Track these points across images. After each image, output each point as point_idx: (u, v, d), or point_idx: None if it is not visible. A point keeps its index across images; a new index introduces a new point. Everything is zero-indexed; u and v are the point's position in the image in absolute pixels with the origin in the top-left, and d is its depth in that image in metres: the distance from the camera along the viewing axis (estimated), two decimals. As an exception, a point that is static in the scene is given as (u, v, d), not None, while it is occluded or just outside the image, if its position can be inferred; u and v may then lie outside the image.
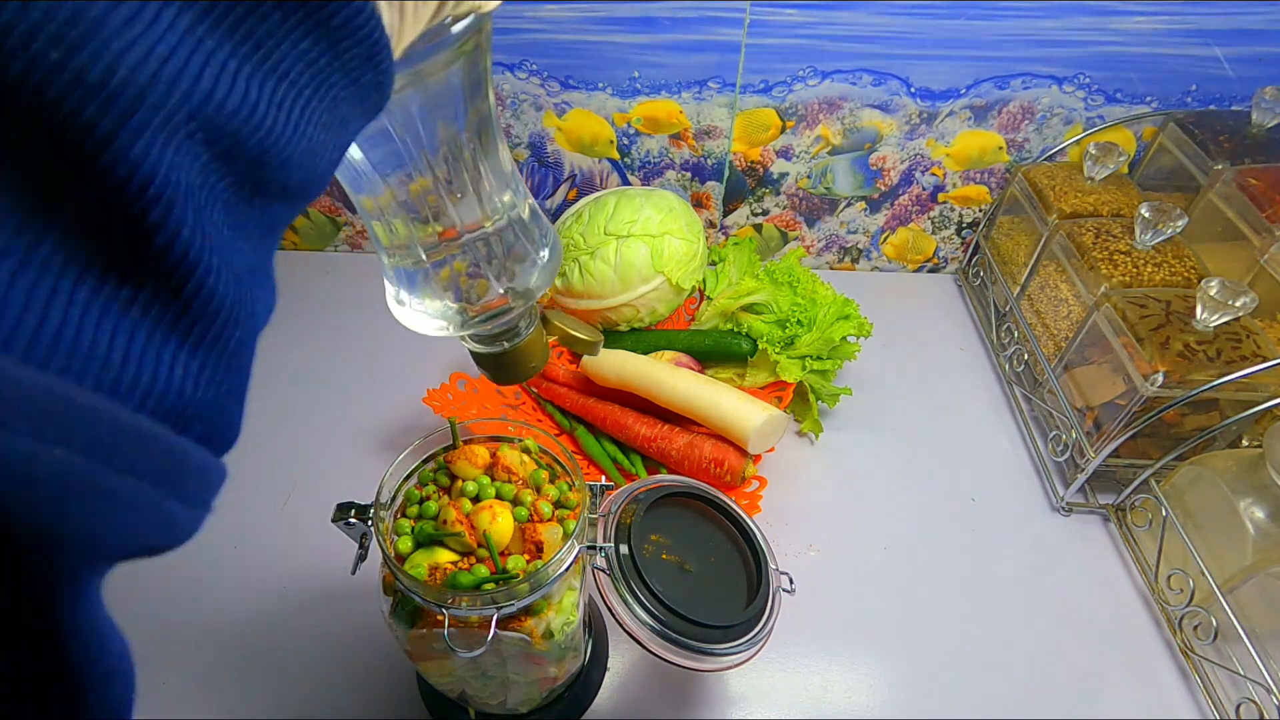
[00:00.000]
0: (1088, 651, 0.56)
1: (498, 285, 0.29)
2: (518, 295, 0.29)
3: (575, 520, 0.41)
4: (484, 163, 0.26)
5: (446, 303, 0.28)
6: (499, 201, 0.27)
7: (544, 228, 0.30)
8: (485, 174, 0.26)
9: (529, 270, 0.29)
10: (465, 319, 0.29)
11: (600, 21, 0.69)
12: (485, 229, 0.27)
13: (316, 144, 0.15)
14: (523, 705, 0.48)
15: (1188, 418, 0.59)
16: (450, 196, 0.25)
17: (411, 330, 0.30)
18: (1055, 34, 0.69)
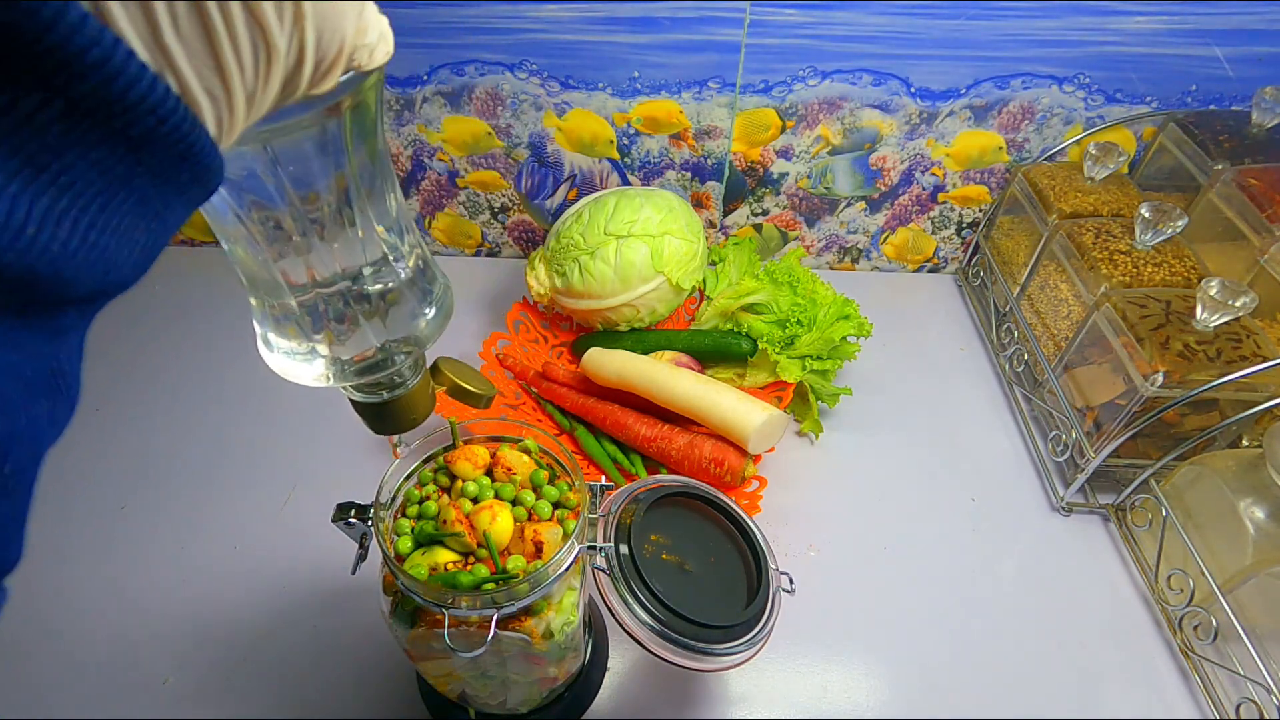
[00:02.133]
0: (1088, 651, 0.56)
1: (374, 338, 0.26)
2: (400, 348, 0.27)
3: (575, 520, 0.41)
4: (366, 209, 0.23)
5: (317, 350, 0.26)
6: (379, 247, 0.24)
7: (435, 280, 0.28)
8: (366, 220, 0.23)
9: (413, 323, 0.27)
10: (341, 369, 0.27)
11: (600, 21, 0.69)
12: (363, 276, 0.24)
13: (111, 250, 0.14)
14: (523, 705, 0.48)
15: (1188, 418, 0.59)
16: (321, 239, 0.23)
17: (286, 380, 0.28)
18: (1055, 34, 0.69)
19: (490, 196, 0.84)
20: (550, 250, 0.72)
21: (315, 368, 0.27)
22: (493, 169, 0.82)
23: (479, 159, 0.81)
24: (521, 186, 0.83)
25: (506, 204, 0.85)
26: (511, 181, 0.83)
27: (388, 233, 0.25)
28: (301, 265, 0.24)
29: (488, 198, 0.85)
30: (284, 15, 0.15)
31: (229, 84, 0.15)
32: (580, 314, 0.72)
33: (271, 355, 0.27)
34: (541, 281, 0.73)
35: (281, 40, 0.15)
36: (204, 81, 0.14)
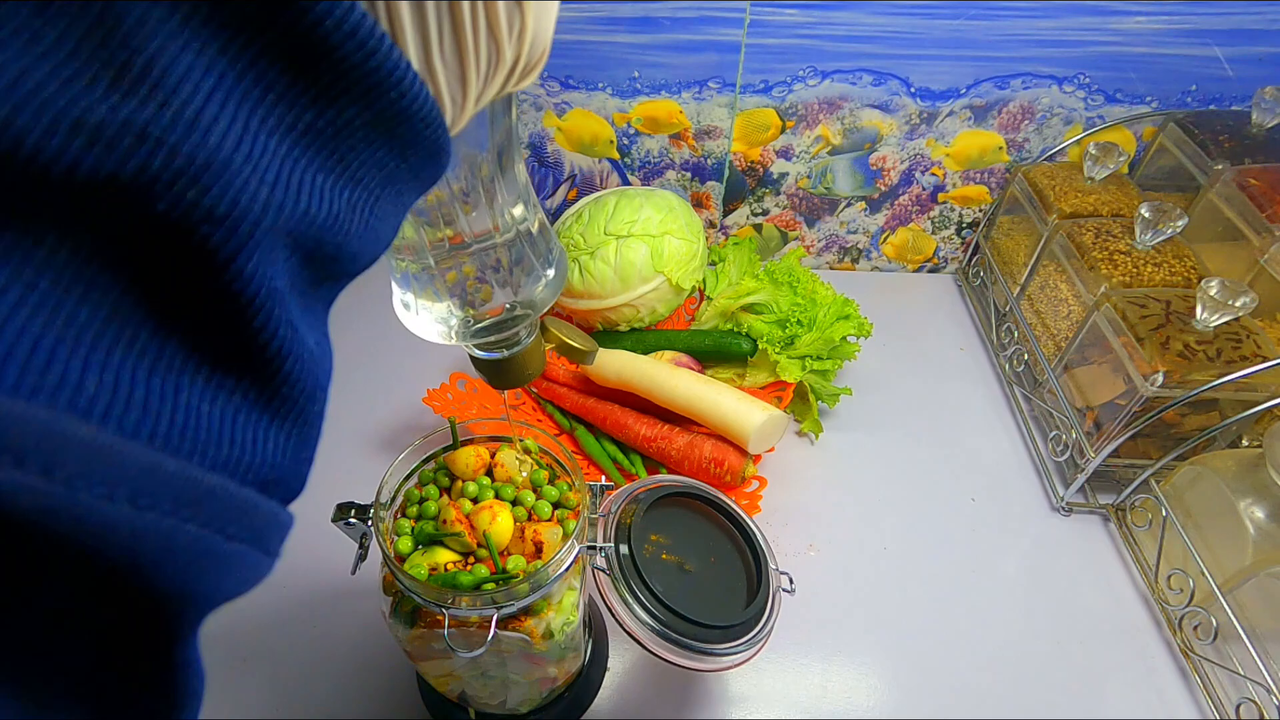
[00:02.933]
0: (1088, 651, 0.56)
1: (503, 296, 0.29)
2: (522, 307, 0.29)
3: (575, 520, 0.41)
4: (500, 177, 0.26)
5: (452, 309, 0.29)
6: (510, 214, 0.27)
7: (552, 243, 0.30)
8: (500, 188, 0.26)
9: (534, 284, 0.29)
10: (468, 327, 0.29)
11: (600, 21, 0.69)
12: (494, 240, 0.27)
13: (381, 232, 0.17)
14: (523, 705, 0.48)
15: (1188, 418, 0.59)
16: (464, 207, 0.25)
17: (415, 335, 0.30)
18: (1055, 34, 0.69)
19: (490, 196, 0.84)
20: (550, 250, 0.72)
21: (448, 325, 0.29)
22: (493, 169, 0.81)
23: (479, 159, 0.81)
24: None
25: (506, 204, 0.85)
26: (511, 181, 0.83)
27: (515, 200, 0.27)
28: (445, 231, 0.26)
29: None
30: (513, 29, 0.18)
31: (468, 90, 0.18)
32: (580, 314, 0.72)
33: (408, 314, 0.29)
34: (541, 281, 0.73)
35: (510, 51, 0.18)
36: (450, 90, 0.17)
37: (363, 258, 0.17)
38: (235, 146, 0.13)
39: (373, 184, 0.16)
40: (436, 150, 0.17)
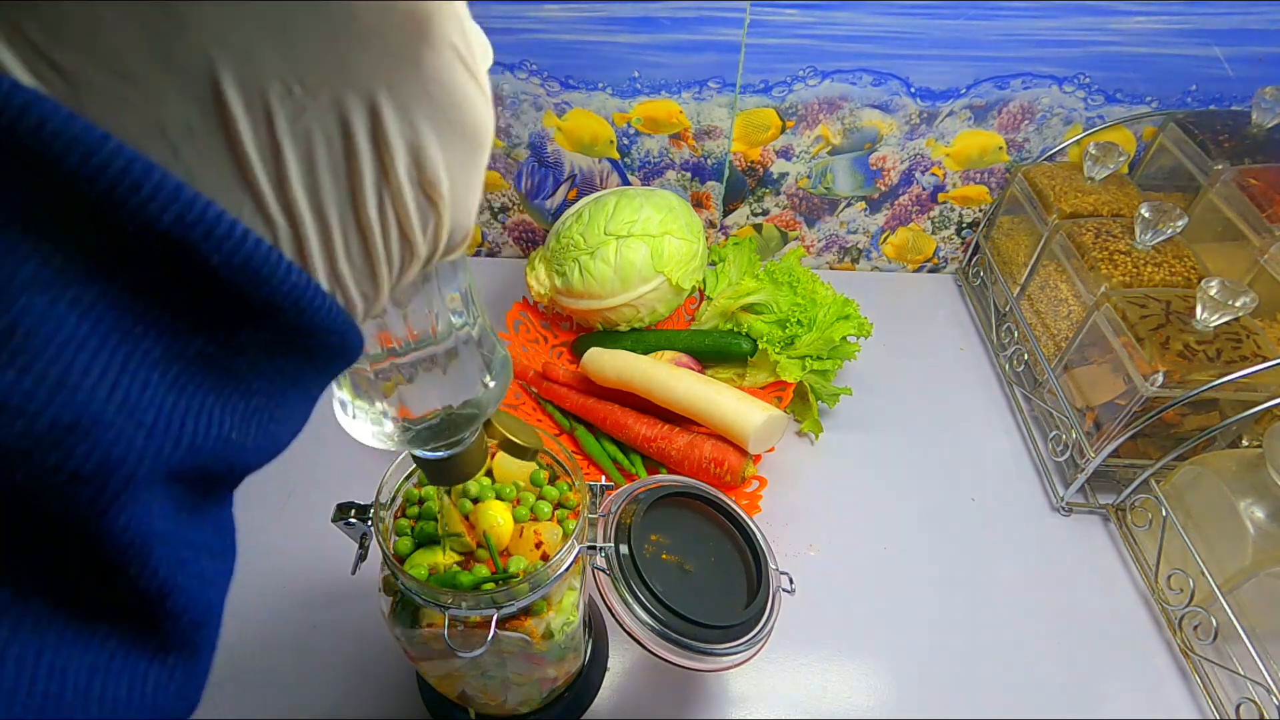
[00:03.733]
0: (1088, 651, 0.56)
1: (438, 402, 0.28)
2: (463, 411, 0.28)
3: (575, 520, 0.41)
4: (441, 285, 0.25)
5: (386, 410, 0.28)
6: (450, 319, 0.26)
7: (495, 350, 0.29)
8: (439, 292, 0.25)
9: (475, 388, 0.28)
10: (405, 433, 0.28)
11: (600, 21, 0.69)
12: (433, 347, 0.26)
13: (280, 434, 0.17)
14: (523, 705, 0.48)
15: (1188, 418, 0.59)
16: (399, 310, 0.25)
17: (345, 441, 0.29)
18: (1055, 34, 0.69)
19: (490, 196, 0.84)
20: (550, 250, 0.72)
21: (384, 428, 0.28)
22: (493, 169, 0.82)
23: (479, 159, 0.81)
24: (521, 186, 0.83)
25: (506, 204, 0.85)
26: (511, 181, 0.83)
27: (456, 304, 0.26)
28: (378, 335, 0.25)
29: (487, 198, 0.85)
30: (427, 227, 0.17)
31: (379, 285, 0.17)
32: (580, 314, 0.72)
33: (345, 417, 0.29)
34: (541, 281, 0.73)
35: (425, 246, 0.18)
36: (360, 288, 0.17)
37: (258, 462, 0.16)
38: (107, 397, 0.12)
39: (272, 392, 0.16)
40: (344, 349, 0.17)
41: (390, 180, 0.16)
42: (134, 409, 0.13)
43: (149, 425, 0.13)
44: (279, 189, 0.14)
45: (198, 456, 0.14)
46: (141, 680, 0.15)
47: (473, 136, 0.17)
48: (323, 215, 0.15)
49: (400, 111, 0.15)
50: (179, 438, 0.13)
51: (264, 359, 0.15)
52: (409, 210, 0.16)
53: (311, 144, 0.14)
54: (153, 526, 0.13)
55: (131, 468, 0.13)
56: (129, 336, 0.13)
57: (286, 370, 0.16)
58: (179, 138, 0.13)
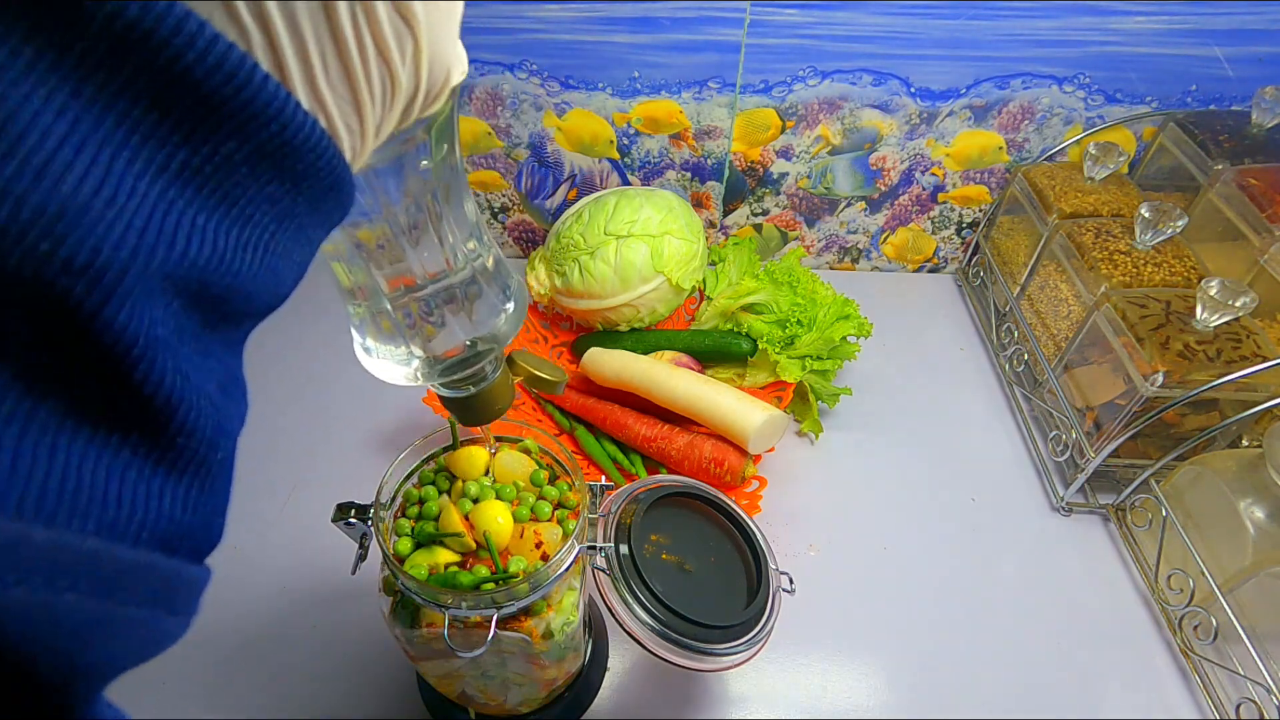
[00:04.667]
0: (1088, 651, 0.56)
1: (463, 334, 0.28)
2: (484, 343, 0.29)
3: (575, 520, 0.41)
4: (448, 214, 0.25)
5: (412, 350, 0.28)
6: (463, 251, 0.26)
7: (508, 277, 0.30)
8: (449, 224, 0.25)
9: (494, 319, 0.29)
10: (432, 368, 0.29)
11: (600, 21, 0.69)
12: (449, 278, 0.27)
13: (280, 270, 0.17)
14: (523, 705, 0.48)
15: (1188, 418, 0.59)
16: (412, 245, 0.25)
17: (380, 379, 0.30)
18: (1055, 34, 0.69)
19: (490, 196, 0.84)
20: (550, 250, 0.72)
21: (411, 367, 0.29)
22: (493, 169, 0.82)
23: (479, 159, 0.81)
24: (521, 186, 0.83)
25: (506, 204, 0.85)
26: (511, 181, 0.83)
27: (467, 236, 0.27)
28: (395, 272, 0.26)
29: (488, 197, 0.85)
30: (405, 51, 0.17)
31: (364, 117, 0.17)
32: (580, 314, 0.72)
33: (370, 359, 0.29)
34: (541, 281, 0.73)
35: (404, 74, 0.18)
36: (344, 118, 0.17)
37: (261, 297, 0.16)
38: (95, 192, 0.12)
39: (266, 220, 0.15)
40: (335, 182, 0.16)
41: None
42: (121, 209, 0.12)
43: (140, 227, 0.13)
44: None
45: (194, 270, 0.14)
46: (158, 495, 0.15)
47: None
48: (295, 23, 0.15)
49: None
50: (171, 244, 0.13)
51: (252, 180, 0.15)
52: (384, 30, 0.16)
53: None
54: (154, 333, 0.13)
55: (125, 263, 0.12)
56: (109, 139, 0.12)
57: (278, 198, 0.15)
58: None
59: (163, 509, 0.15)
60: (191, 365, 0.15)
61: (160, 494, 0.15)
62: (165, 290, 0.14)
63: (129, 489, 0.14)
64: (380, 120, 0.18)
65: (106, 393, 0.13)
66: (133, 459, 0.14)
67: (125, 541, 0.14)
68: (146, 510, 0.14)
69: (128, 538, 0.14)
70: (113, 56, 0.12)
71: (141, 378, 0.13)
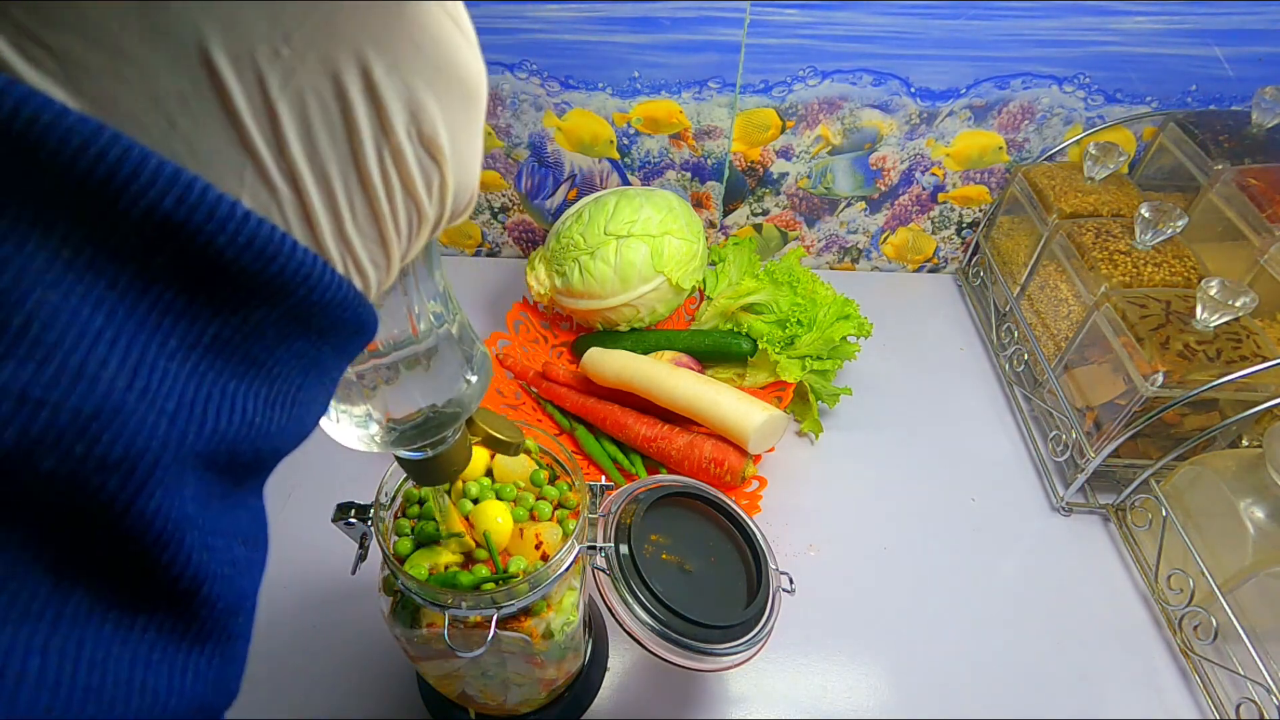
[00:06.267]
0: (1088, 651, 0.56)
1: (423, 400, 0.28)
2: (447, 410, 0.28)
3: (575, 520, 0.41)
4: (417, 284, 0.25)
5: (370, 412, 0.28)
6: (428, 319, 0.26)
7: (475, 346, 0.29)
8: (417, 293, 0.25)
9: (457, 385, 0.28)
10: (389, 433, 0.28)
11: (600, 21, 0.69)
12: (413, 345, 0.26)
13: (306, 417, 0.17)
14: (523, 705, 0.48)
15: (1188, 418, 0.59)
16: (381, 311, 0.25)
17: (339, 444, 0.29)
18: (1055, 34, 0.69)
19: (490, 196, 0.84)
20: (550, 250, 0.72)
21: (369, 430, 0.28)
22: (493, 169, 0.82)
23: (479, 159, 0.81)
24: (521, 186, 0.83)
25: (506, 204, 0.85)
26: (511, 181, 0.83)
27: (434, 303, 0.26)
28: None
29: (488, 198, 0.85)
30: (432, 187, 0.17)
31: (390, 253, 0.17)
32: (580, 314, 0.72)
33: (329, 422, 0.28)
34: (541, 281, 0.73)
35: (431, 208, 0.18)
36: (371, 256, 0.17)
37: (287, 447, 0.17)
38: (128, 385, 0.12)
39: (292, 375, 0.16)
40: (360, 326, 0.17)
41: (390, 138, 0.15)
42: (155, 396, 0.13)
43: (171, 412, 0.13)
44: (278, 152, 0.14)
45: (224, 442, 0.14)
46: (181, 672, 0.15)
47: (467, 90, 0.17)
48: (325, 177, 0.15)
49: (392, 68, 0.15)
50: (202, 423, 0.14)
51: (280, 341, 0.15)
52: (411, 169, 0.16)
53: (306, 105, 0.14)
54: (183, 512, 0.14)
55: (156, 453, 0.13)
56: (143, 325, 0.13)
57: (305, 352, 0.16)
58: (174, 109, 0.13)
59: (185, 687, 0.15)
60: (218, 531, 0.15)
61: (184, 670, 0.15)
62: (195, 466, 0.14)
63: (154, 674, 0.14)
64: (405, 251, 0.18)
65: (133, 578, 0.13)
66: (157, 640, 0.14)
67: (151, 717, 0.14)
68: (170, 691, 0.14)
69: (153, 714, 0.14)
70: (148, 248, 0.12)
71: (169, 560, 0.14)
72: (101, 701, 0.13)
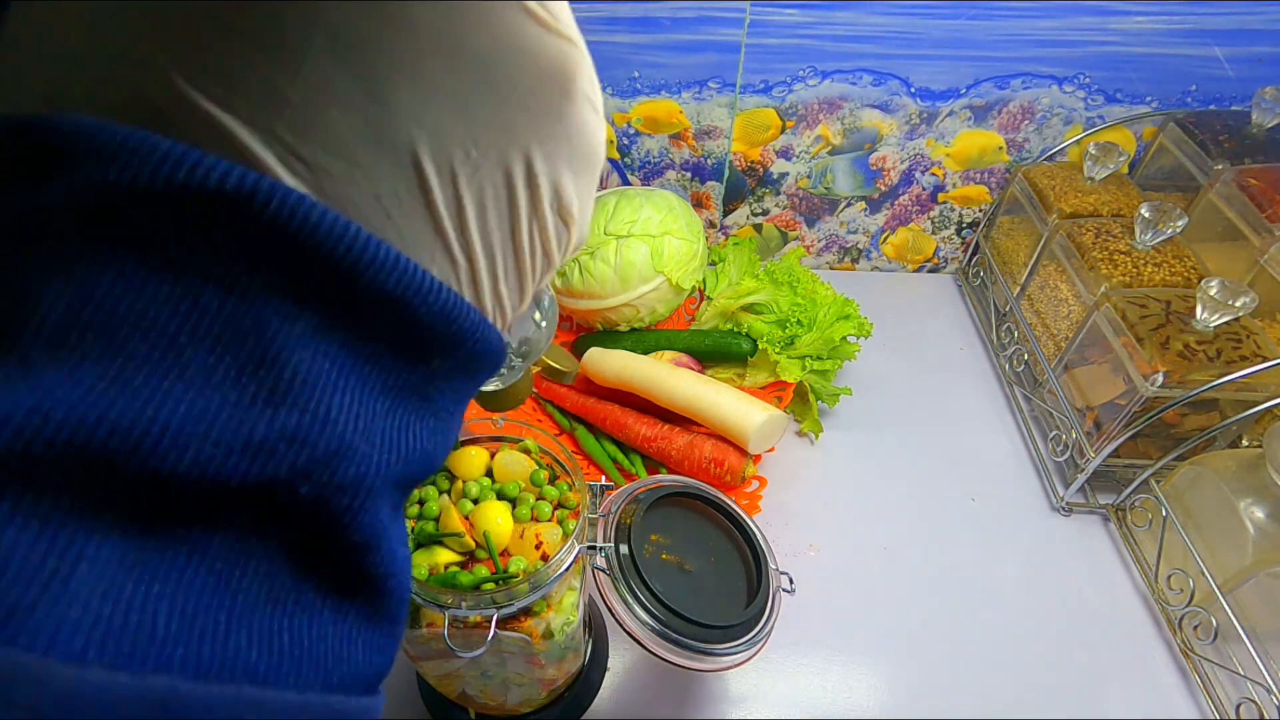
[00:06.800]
0: (1088, 651, 0.56)
1: None
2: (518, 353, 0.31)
3: (575, 520, 0.41)
4: None
5: None
6: None
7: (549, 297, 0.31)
8: None
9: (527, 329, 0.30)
10: None
11: (600, 21, 0.69)
12: None
13: (453, 437, 0.20)
14: (523, 705, 0.48)
15: (1188, 418, 0.59)
16: None
17: None
18: (1055, 34, 0.69)
19: (490, 196, 0.84)
20: (550, 250, 0.72)
21: None
22: (493, 169, 0.81)
23: (479, 159, 0.81)
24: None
25: (506, 204, 0.85)
26: (511, 181, 0.83)
27: None
28: None
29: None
30: (563, 244, 0.20)
31: (525, 297, 0.20)
32: (580, 314, 0.72)
33: None
34: (541, 281, 0.73)
35: (559, 258, 0.21)
36: (512, 302, 0.20)
37: (440, 464, 0.20)
38: (355, 426, 0.16)
39: (450, 406, 0.19)
40: (498, 363, 0.20)
41: (539, 212, 0.19)
42: (370, 433, 0.16)
43: (378, 443, 0.16)
44: (461, 235, 0.17)
45: (408, 466, 0.17)
46: (369, 646, 0.18)
47: (596, 162, 0.20)
48: (491, 250, 0.18)
49: (548, 157, 0.18)
50: (395, 454, 0.17)
51: (448, 381, 0.18)
52: (550, 234, 0.19)
53: (484, 195, 0.17)
54: (383, 523, 0.17)
55: (371, 479, 0.16)
56: (362, 375, 0.16)
57: (460, 388, 0.19)
58: (391, 204, 0.16)
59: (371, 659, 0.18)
60: (397, 537, 0.18)
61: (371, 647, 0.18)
62: (388, 487, 0.17)
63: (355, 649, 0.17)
64: (536, 290, 0.21)
65: (347, 574, 0.17)
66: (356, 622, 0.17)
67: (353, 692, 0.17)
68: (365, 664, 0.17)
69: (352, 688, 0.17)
70: (373, 316, 0.16)
71: (375, 560, 0.17)
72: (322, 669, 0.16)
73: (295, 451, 0.15)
